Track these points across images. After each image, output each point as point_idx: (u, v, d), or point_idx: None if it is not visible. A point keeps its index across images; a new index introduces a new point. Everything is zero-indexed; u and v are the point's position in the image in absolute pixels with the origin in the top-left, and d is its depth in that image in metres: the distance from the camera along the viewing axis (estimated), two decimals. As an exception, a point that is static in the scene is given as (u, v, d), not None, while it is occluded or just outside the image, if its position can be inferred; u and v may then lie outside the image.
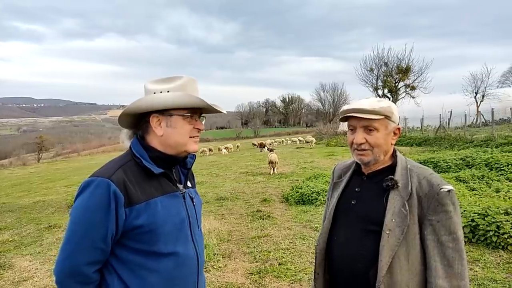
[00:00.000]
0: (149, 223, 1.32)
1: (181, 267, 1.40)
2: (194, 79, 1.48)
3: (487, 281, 3.67)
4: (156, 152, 1.43)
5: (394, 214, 1.45)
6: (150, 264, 1.34)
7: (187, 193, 1.52)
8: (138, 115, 1.43)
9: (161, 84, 1.44)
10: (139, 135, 1.47)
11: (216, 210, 7.97)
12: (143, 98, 1.43)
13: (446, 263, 1.39)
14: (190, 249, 1.44)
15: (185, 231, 1.44)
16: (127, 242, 1.33)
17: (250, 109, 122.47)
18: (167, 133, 1.41)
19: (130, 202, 1.30)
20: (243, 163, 19.29)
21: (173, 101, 1.38)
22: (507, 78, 51.42)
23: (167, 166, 1.46)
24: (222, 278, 4.24)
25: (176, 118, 1.41)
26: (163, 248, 1.35)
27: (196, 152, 1.53)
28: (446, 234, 1.41)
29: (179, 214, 1.43)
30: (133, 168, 1.37)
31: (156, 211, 1.35)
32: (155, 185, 1.39)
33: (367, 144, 1.53)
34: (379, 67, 32.99)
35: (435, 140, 19.37)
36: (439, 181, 1.49)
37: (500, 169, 8.57)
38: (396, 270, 1.41)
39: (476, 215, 4.75)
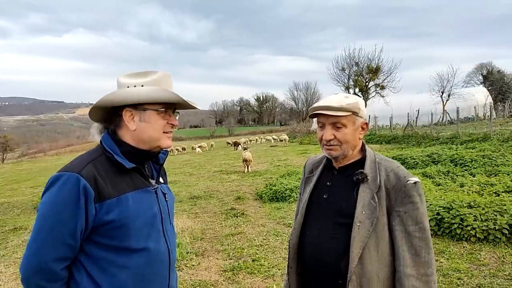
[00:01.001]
0: (120, 219, 1.30)
1: (153, 263, 1.39)
2: (168, 74, 1.47)
3: (451, 271, 3.84)
4: (128, 146, 1.40)
5: (364, 207, 1.49)
6: (121, 260, 1.32)
7: (160, 189, 1.50)
8: (110, 109, 1.41)
9: (135, 78, 1.42)
10: (110, 129, 1.44)
11: (190, 209, 7.91)
12: (116, 91, 1.40)
13: (414, 252, 1.45)
14: (162, 245, 1.43)
15: (157, 226, 1.43)
16: (97, 238, 1.31)
17: (224, 107, 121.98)
18: (141, 128, 1.39)
19: (101, 197, 1.28)
20: (217, 161, 19.22)
21: (147, 95, 1.37)
22: (472, 78, 53.82)
23: (139, 161, 1.44)
24: (196, 276, 4.22)
25: (150, 113, 1.39)
26: (134, 244, 1.34)
27: (169, 147, 1.52)
28: (413, 224, 1.47)
29: (151, 210, 1.42)
30: (104, 163, 1.35)
31: (127, 206, 1.33)
32: (126, 180, 1.37)
33: (335, 140, 1.56)
34: (350, 67, 33.74)
35: (403, 137, 19.99)
36: (406, 173, 1.55)
37: (464, 165, 8.96)
38: (367, 261, 1.45)
39: (442, 208, 4.95)
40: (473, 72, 54.66)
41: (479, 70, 54.64)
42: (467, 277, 3.68)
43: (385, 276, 1.49)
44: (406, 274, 1.44)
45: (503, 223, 4.44)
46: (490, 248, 4.30)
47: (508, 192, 5.95)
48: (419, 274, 1.44)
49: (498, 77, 51.45)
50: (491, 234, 4.44)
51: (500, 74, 52.43)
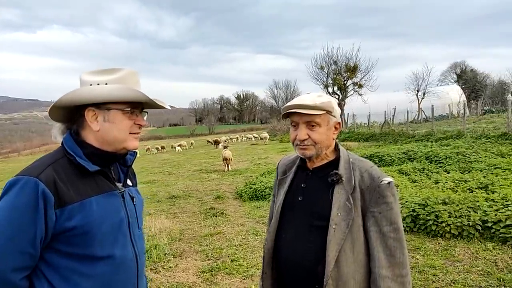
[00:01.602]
0: (83, 225, 1.23)
1: (119, 271, 1.32)
2: (135, 72, 1.40)
3: (427, 267, 3.89)
4: (92, 148, 1.33)
5: (339, 208, 1.47)
6: (85, 269, 1.25)
7: (127, 192, 1.43)
8: (72, 108, 1.32)
9: (99, 75, 1.34)
10: (73, 130, 1.36)
11: (168, 209, 7.79)
12: (78, 89, 1.32)
13: (388, 252, 1.44)
14: (129, 251, 1.36)
15: (124, 232, 1.36)
16: (58, 246, 1.23)
17: (204, 105, 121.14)
18: (104, 128, 1.32)
19: (61, 203, 1.20)
20: (197, 160, 19.06)
21: (110, 94, 1.29)
22: (446, 76, 55.36)
23: (104, 163, 1.37)
24: (173, 279, 4.14)
25: (114, 113, 1.32)
26: (99, 251, 1.27)
27: (136, 149, 1.45)
28: (388, 224, 1.45)
29: (118, 214, 1.35)
30: (65, 166, 1.27)
31: (91, 211, 1.25)
32: (90, 184, 1.29)
33: (310, 140, 1.53)
34: (329, 66, 34.07)
35: (380, 135, 20.35)
36: (380, 173, 1.53)
37: (439, 161, 9.16)
38: (343, 263, 1.43)
39: (417, 205, 5.03)
40: (447, 71, 56.33)
41: (453, 69, 56.31)
42: (442, 273, 3.75)
43: (361, 278, 1.47)
44: (382, 275, 1.43)
45: (476, 219, 4.55)
46: (464, 244, 4.39)
47: (481, 188, 6.11)
48: (395, 275, 1.43)
49: (471, 75, 53.12)
50: (465, 230, 4.54)
51: (473, 73, 54.16)
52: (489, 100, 41.12)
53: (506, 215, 4.45)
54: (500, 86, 48.83)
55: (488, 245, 4.26)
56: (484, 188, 6.12)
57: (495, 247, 4.20)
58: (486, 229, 4.50)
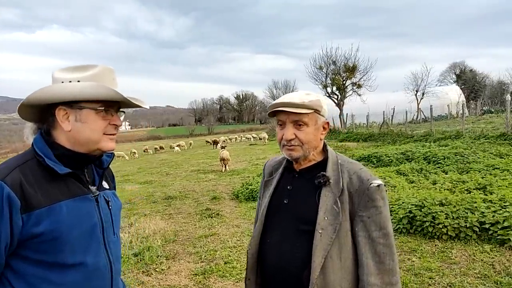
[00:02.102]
0: (51, 230, 1.15)
1: (91, 278, 1.25)
2: (111, 69, 1.32)
3: (423, 270, 3.83)
4: (63, 149, 1.25)
5: (326, 212, 1.40)
6: (54, 277, 1.18)
7: (102, 196, 1.36)
8: (43, 107, 1.25)
9: (72, 73, 1.27)
10: (43, 130, 1.29)
11: (164, 210, 7.71)
12: (47, 87, 1.24)
13: (378, 259, 1.37)
14: (102, 258, 1.29)
15: (97, 238, 1.29)
16: (26, 253, 1.16)
17: (203, 106, 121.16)
18: (76, 129, 1.24)
19: (28, 207, 1.13)
20: (195, 161, 18.99)
21: (82, 92, 1.22)
22: (445, 77, 55.39)
23: (77, 165, 1.29)
24: (165, 281, 4.07)
25: (87, 112, 1.25)
26: (69, 258, 1.20)
27: (113, 150, 1.37)
28: (377, 229, 1.39)
29: (90, 220, 1.27)
30: (34, 168, 1.20)
31: (60, 216, 1.18)
32: (61, 187, 1.22)
33: (297, 140, 1.46)
34: (328, 66, 33.96)
35: (379, 135, 20.28)
36: (369, 176, 1.46)
37: (437, 162, 9.10)
38: (329, 270, 1.36)
39: (414, 206, 4.96)
40: (446, 71, 56.36)
41: (452, 69, 56.33)
42: (438, 276, 3.68)
43: (349, 285, 1.41)
44: (370, 283, 1.36)
45: (473, 220, 4.48)
46: (461, 246, 4.32)
47: (479, 189, 6.04)
48: (384, 283, 1.36)
49: (471, 76, 53.13)
50: (462, 232, 4.47)
51: (473, 73, 54.16)
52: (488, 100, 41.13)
53: (504, 216, 4.38)
54: (500, 87, 48.86)
55: (485, 247, 4.19)
56: (482, 189, 6.05)
57: (492, 249, 4.14)
58: (483, 231, 4.43)
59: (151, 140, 68.60)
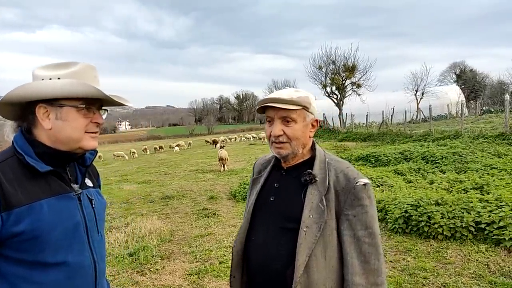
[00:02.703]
0: (32, 229, 1.14)
1: (74, 278, 1.23)
2: (92, 66, 1.31)
3: (418, 270, 3.81)
4: (44, 147, 1.24)
5: (311, 210, 1.39)
6: (36, 276, 1.16)
7: (85, 194, 1.34)
8: (23, 104, 1.24)
9: (52, 70, 1.25)
10: (24, 128, 1.27)
11: (161, 210, 7.70)
12: (26, 84, 1.23)
13: (363, 259, 1.36)
14: (86, 257, 1.28)
15: (80, 237, 1.27)
16: (6, 252, 1.15)
17: (203, 105, 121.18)
18: (57, 127, 1.23)
19: (8, 206, 1.11)
20: (194, 160, 18.98)
21: (61, 89, 1.20)
22: (445, 77, 55.37)
23: (59, 163, 1.28)
24: (159, 281, 4.06)
25: (67, 110, 1.23)
26: (51, 257, 1.18)
27: (94, 148, 1.36)
28: (362, 229, 1.38)
29: (72, 218, 1.26)
30: (14, 166, 1.18)
31: (41, 215, 1.16)
32: (41, 186, 1.20)
33: (285, 137, 1.46)
34: (327, 65, 33.98)
35: (378, 135, 20.27)
36: (356, 174, 1.45)
37: (435, 162, 9.08)
38: (313, 269, 1.35)
39: (409, 206, 4.94)
40: (446, 71, 56.35)
41: (452, 69, 56.31)
42: (433, 276, 3.66)
43: (333, 285, 1.39)
44: (355, 283, 1.35)
45: (469, 220, 4.46)
46: (456, 245, 4.31)
47: (476, 189, 6.03)
48: (369, 283, 1.35)
49: (471, 76, 53.11)
50: (457, 231, 4.45)
51: (472, 73, 54.14)
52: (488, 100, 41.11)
53: (500, 216, 4.37)
54: (500, 86, 48.82)
55: (481, 247, 4.17)
56: (479, 188, 6.04)
57: (488, 249, 4.12)
58: (479, 231, 4.42)
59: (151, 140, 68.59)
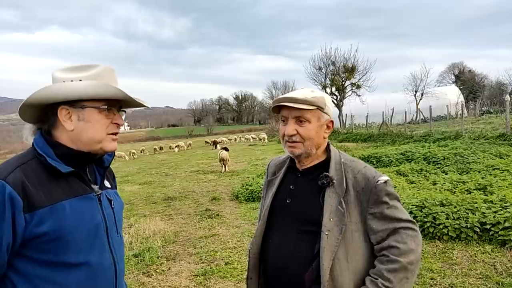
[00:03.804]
0: (55, 230, 1.15)
1: (95, 278, 1.24)
2: (112, 69, 1.32)
3: (424, 271, 3.81)
4: (65, 149, 1.24)
5: (331, 213, 1.39)
6: (58, 277, 1.17)
7: (104, 195, 1.35)
8: (43, 107, 1.24)
9: (73, 72, 1.26)
10: (44, 130, 1.28)
11: (163, 211, 7.69)
12: (50, 86, 1.24)
13: (400, 240, 1.37)
14: (107, 258, 1.28)
15: (101, 237, 1.28)
16: (29, 253, 1.15)
17: (203, 106, 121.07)
18: (79, 128, 1.24)
19: (31, 207, 1.12)
20: (194, 161, 18.97)
21: (85, 90, 1.21)
22: (444, 77, 55.47)
23: (79, 164, 1.28)
24: (165, 282, 4.05)
25: (90, 111, 1.24)
26: (73, 258, 1.19)
27: (114, 151, 1.36)
28: (394, 221, 1.39)
29: (94, 219, 1.26)
30: (35, 168, 1.19)
31: (64, 215, 1.17)
32: (63, 187, 1.21)
33: (298, 136, 1.46)
34: (327, 66, 34.03)
35: (378, 136, 20.28)
36: (374, 173, 1.46)
37: (437, 162, 9.09)
38: (337, 272, 1.35)
39: (414, 207, 4.95)
40: (445, 71, 56.44)
41: (451, 69, 56.40)
42: (440, 277, 3.67)
43: (355, 286, 1.39)
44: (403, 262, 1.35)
45: (474, 221, 4.47)
46: (462, 246, 4.32)
47: (479, 189, 6.03)
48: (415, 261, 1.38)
49: (470, 76, 53.19)
50: (463, 232, 4.46)
51: (471, 73, 54.23)
52: (487, 101, 41.18)
53: (505, 217, 4.37)
54: (498, 87, 48.92)
55: (486, 248, 4.18)
56: (482, 189, 6.04)
57: (493, 250, 4.13)
58: (484, 231, 4.42)
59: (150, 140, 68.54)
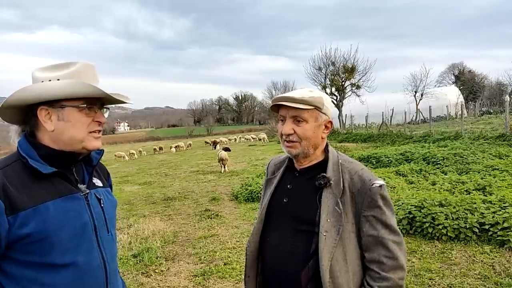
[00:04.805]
0: (39, 231, 1.14)
1: (83, 278, 1.23)
2: (91, 65, 1.31)
3: (423, 271, 3.82)
4: (48, 149, 1.24)
5: (328, 214, 1.40)
6: (45, 278, 1.17)
7: (93, 194, 1.34)
8: (24, 108, 1.24)
9: (51, 71, 1.26)
10: (27, 131, 1.28)
11: (163, 211, 7.70)
12: (26, 87, 1.23)
13: (390, 255, 1.38)
14: (95, 257, 1.27)
15: (88, 237, 1.26)
16: (15, 255, 1.15)
17: (202, 106, 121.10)
18: (60, 128, 1.23)
19: (14, 209, 1.12)
20: (194, 161, 18.98)
21: (61, 90, 1.20)
22: (444, 78, 55.51)
23: (63, 164, 1.28)
24: (164, 283, 4.06)
25: (69, 110, 1.23)
26: (59, 258, 1.18)
27: (98, 148, 1.35)
28: (384, 228, 1.40)
29: (80, 218, 1.25)
30: (18, 170, 1.19)
31: (47, 216, 1.17)
32: (47, 188, 1.21)
33: (295, 136, 1.46)
34: (326, 66, 34.04)
35: (378, 136, 20.28)
36: (370, 176, 1.46)
37: (436, 163, 9.09)
38: (337, 274, 1.36)
39: (413, 207, 4.95)
40: (445, 72, 56.49)
41: (451, 70, 56.46)
42: (438, 277, 3.67)
43: (355, 286, 1.41)
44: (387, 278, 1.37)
45: (473, 221, 4.47)
46: (461, 247, 4.32)
47: (479, 190, 6.04)
48: (397, 278, 1.38)
49: (469, 77, 53.23)
50: (462, 232, 4.46)
51: (471, 74, 54.28)
52: (487, 101, 41.22)
53: (504, 217, 4.38)
54: (498, 87, 48.98)
55: (485, 248, 4.18)
56: (481, 189, 6.05)
57: (492, 250, 4.13)
58: (483, 232, 4.43)
59: (150, 141, 68.58)
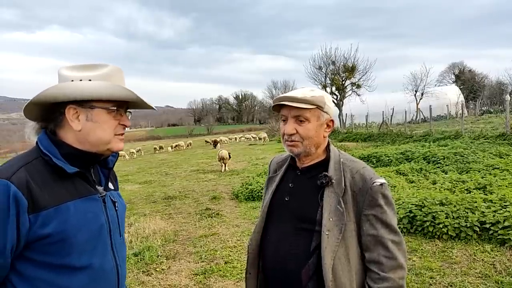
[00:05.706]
0: (59, 232, 1.12)
1: (98, 281, 1.22)
2: (120, 69, 1.30)
3: (424, 270, 3.82)
4: (70, 148, 1.22)
5: (331, 213, 1.40)
6: (61, 280, 1.15)
7: (108, 196, 1.33)
8: (49, 105, 1.22)
9: (81, 71, 1.24)
10: (49, 129, 1.26)
11: (163, 210, 7.71)
12: (59, 85, 1.21)
13: (390, 255, 1.38)
14: (109, 261, 1.26)
15: (104, 239, 1.26)
16: (32, 255, 1.12)
17: (203, 106, 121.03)
18: (87, 128, 1.22)
19: (35, 208, 1.09)
20: (194, 161, 18.99)
21: (97, 91, 1.19)
22: (444, 77, 55.43)
23: (84, 165, 1.26)
24: (165, 281, 4.06)
25: (98, 112, 1.22)
26: (76, 261, 1.16)
27: (121, 150, 1.36)
28: (384, 227, 1.40)
29: (98, 220, 1.24)
30: (40, 168, 1.16)
31: (68, 217, 1.15)
32: (68, 187, 1.19)
33: (297, 135, 1.47)
34: (327, 66, 33.99)
35: (378, 135, 20.27)
36: (372, 174, 1.47)
37: (437, 162, 9.09)
38: (339, 272, 1.36)
39: (414, 206, 4.96)
40: (445, 71, 56.41)
41: (451, 69, 56.37)
42: (439, 276, 3.68)
43: (357, 285, 1.41)
44: (386, 278, 1.37)
45: (474, 220, 4.48)
46: (461, 245, 4.32)
47: (479, 189, 6.04)
48: (397, 277, 1.38)
49: (470, 76, 53.16)
50: (462, 231, 4.46)
51: (471, 73, 54.20)
52: (487, 100, 41.20)
53: (504, 216, 4.38)
54: (498, 87, 48.90)
55: (486, 247, 4.19)
56: (482, 188, 6.05)
57: (493, 249, 4.13)
58: (484, 231, 4.43)
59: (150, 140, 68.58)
